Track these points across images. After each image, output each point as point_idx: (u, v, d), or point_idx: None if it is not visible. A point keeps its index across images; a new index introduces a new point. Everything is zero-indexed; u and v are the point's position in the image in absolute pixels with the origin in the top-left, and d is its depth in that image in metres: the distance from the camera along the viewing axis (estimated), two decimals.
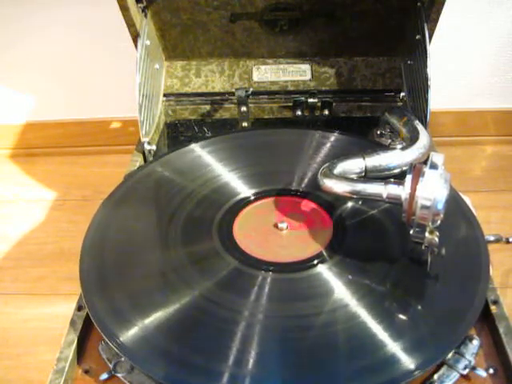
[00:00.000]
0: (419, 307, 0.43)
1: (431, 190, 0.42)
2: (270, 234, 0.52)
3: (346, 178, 0.49)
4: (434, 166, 0.43)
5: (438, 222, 0.43)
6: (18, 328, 0.74)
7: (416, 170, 0.44)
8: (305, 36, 0.73)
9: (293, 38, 0.73)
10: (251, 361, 0.39)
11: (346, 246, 0.49)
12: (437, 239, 0.43)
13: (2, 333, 0.74)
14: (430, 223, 0.43)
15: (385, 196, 0.46)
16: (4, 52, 0.97)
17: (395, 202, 0.45)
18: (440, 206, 0.42)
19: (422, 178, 0.42)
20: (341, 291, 0.44)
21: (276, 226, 0.52)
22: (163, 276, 0.47)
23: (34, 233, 0.90)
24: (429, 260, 0.44)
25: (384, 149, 0.53)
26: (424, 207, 0.42)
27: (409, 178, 0.44)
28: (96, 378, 0.41)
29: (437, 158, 0.43)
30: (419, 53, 0.66)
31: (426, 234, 0.43)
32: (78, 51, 0.96)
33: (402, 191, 0.45)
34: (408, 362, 0.38)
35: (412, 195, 0.43)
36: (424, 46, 0.64)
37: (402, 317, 0.42)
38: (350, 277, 0.45)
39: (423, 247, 0.44)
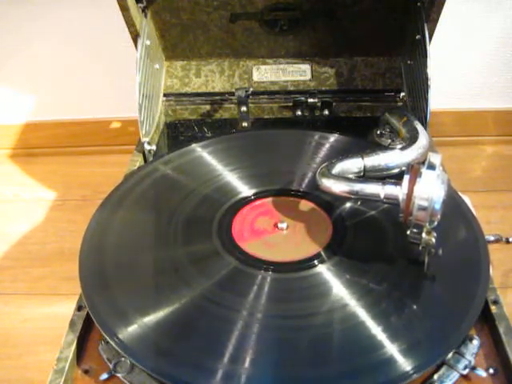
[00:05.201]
0: (419, 307, 0.43)
1: (428, 191, 0.42)
2: (270, 233, 0.52)
3: (344, 177, 0.49)
4: (431, 167, 0.43)
5: (435, 222, 0.43)
6: (18, 328, 0.74)
7: (413, 170, 0.44)
8: (305, 36, 0.73)
9: (293, 38, 0.73)
10: (251, 360, 0.39)
11: (346, 247, 0.49)
12: (434, 240, 0.43)
13: (2, 333, 0.74)
14: (427, 224, 0.43)
15: (382, 196, 0.46)
16: (4, 52, 0.97)
17: (393, 202, 0.45)
18: (437, 207, 0.42)
19: (420, 179, 0.42)
20: (340, 291, 0.44)
21: (276, 225, 0.52)
22: (163, 275, 0.47)
23: (33, 233, 0.90)
24: (426, 260, 0.44)
25: (383, 149, 0.53)
26: (421, 208, 0.42)
27: (406, 178, 0.44)
28: (96, 378, 0.41)
29: (434, 158, 0.43)
30: (419, 53, 0.66)
31: (423, 235, 0.43)
32: (77, 51, 0.96)
33: (399, 191, 0.44)
34: (408, 362, 0.38)
35: (409, 195, 0.43)
36: (424, 46, 0.64)
37: (401, 317, 0.42)
38: (347, 277, 0.45)
39: (420, 248, 0.44)
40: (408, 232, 0.44)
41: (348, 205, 0.54)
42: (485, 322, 0.44)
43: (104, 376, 0.41)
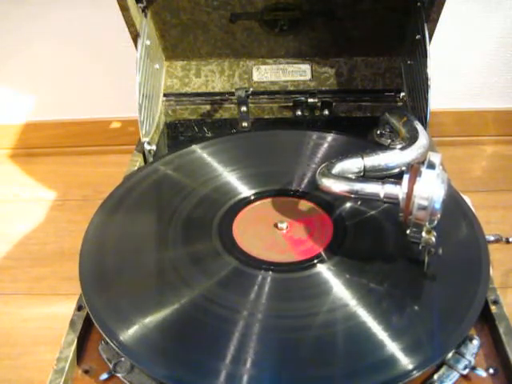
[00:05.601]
0: (419, 307, 0.43)
1: (428, 190, 0.42)
2: (270, 233, 0.52)
3: (343, 177, 0.49)
4: (431, 166, 0.43)
5: (435, 221, 0.43)
6: (18, 328, 0.74)
7: (413, 169, 0.44)
8: (305, 36, 0.73)
9: (293, 38, 0.73)
10: (251, 360, 0.39)
11: (346, 246, 0.49)
12: (434, 239, 0.43)
13: (2, 333, 0.74)
14: (426, 223, 0.43)
15: (382, 196, 0.46)
16: (4, 52, 0.97)
17: (392, 201, 0.45)
18: (437, 206, 0.42)
19: (419, 178, 0.42)
20: (340, 291, 0.44)
21: (276, 225, 0.52)
22: (163, 276, 0.47)
23: (34, 233, 0.90)
24: (426, 260, 0.44)
25: (383, 149, 0.53)
26: (421, 207, 0.42)
27: (406, 177, 0.44)
28: (96, 378, 0.41)
29: (434, 157, 0.43)
30: (419, 53, 0.66)
31: (423, 234, 0.43)
32: (77, 51, 0.96)
33: (399, 191, 0.44)
34: (408, 361, 0.38)
35: (409, 195, 0.43)
36: (424, 46, 0.64)
37: (401, 317, 0.42)
38: (348, 276, 0.45)
39: (420, 247, 0.44)
40: (408, 231, 0.44)
41: (348, 205, 0.54)
42: (485, 321, 0.44)
43: (104, 376, 0.41)
